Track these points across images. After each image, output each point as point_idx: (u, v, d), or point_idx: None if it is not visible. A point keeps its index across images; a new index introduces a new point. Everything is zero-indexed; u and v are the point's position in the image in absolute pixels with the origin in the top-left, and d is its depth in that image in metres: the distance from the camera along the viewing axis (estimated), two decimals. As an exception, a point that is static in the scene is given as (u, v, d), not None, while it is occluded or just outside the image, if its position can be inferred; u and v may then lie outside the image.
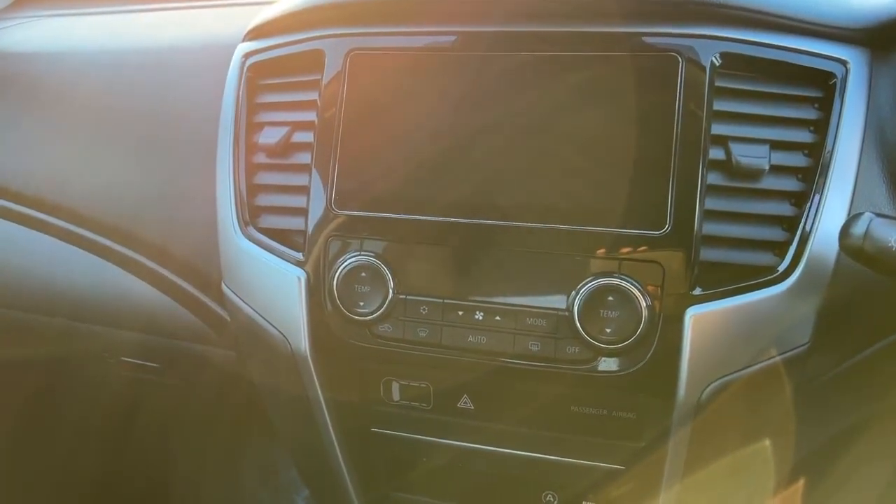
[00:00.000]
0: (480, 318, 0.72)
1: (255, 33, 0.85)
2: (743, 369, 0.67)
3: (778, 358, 0.67)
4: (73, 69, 1.05)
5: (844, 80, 0.67)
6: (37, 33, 1.16)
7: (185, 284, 0.94)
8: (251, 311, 0.81)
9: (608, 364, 0.69)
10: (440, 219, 0.72)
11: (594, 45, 0.70)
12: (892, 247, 0.54)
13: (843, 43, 0.69)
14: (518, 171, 0.70)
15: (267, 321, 0.79)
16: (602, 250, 0.68)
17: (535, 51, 0.71)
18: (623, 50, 0.69)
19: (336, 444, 0.85)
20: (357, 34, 0.77)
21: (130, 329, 1.02)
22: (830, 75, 0.68)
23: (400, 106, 0.74)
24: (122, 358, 1.06)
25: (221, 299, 0.86)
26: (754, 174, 0.67)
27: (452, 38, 0.73)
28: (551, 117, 0.70)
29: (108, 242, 0.96)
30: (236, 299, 0.83)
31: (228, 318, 0.88)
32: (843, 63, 0.68)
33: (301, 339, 0.77)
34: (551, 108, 0.70)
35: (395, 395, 0.82)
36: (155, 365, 1.04)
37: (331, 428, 0.83)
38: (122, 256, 0.96)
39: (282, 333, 0.79)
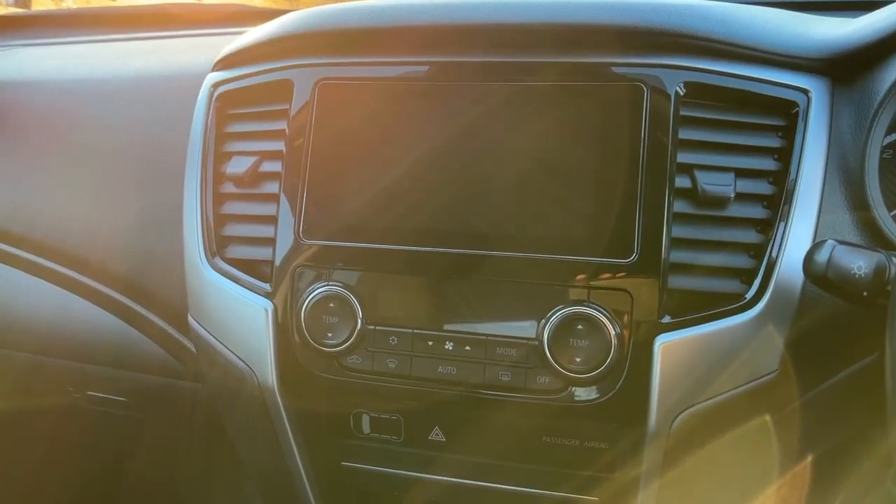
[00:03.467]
0: (450, 348, 0.71)
1: (225, 63, 0.85)
2: (713, 398, 0.67)
3: (747, 386, 0.66)
4: (43, 99, 1.04)
5: (806, 108, 0.68)
6: (7, 63, 1.15)
7: (152, 316, 0.92)
8: (217, 343, 0.79)
9: (578, 393, 0.68)
10: (408, 248, 0.71)
11: (561, 76, 0.70)
12: (855, 274, 0.54)
13: (805, 72, 0.70)
14: (486, 200, 0.70)
15: (233, 353, 0.78)
16: (570, 279, 0.67)
17: (503, 81, 0.71)
18: (589, 80, 0.69)
19: (305, 478, 0.83)
20: (325, 64, 0.77)
21: (97, 363, 0.99)
22: (793, 104, 0.68)
23: (367, 135, 0.74)
24: (89, 392, 1.04)
25: (188, 331, 0.85)
26: (720, 202, 0.67)
27: (418, 68, 0.74)
28: (519, 147, 0.70)
29: (73, 274, 0.94)
30: (202, 331, 0.81)
31: (195, 351, 0.87)
32: (805, 92, 0.69)
33: (268, 372, 0.76)
34: (519, 138, 0.70)
35: (366, 428, 0.80)
36: (122, 399, 1.02)
37: (300, 462, 0.82)
38: (89, 288, 0.94)
39: (248, 366, 0.77)
